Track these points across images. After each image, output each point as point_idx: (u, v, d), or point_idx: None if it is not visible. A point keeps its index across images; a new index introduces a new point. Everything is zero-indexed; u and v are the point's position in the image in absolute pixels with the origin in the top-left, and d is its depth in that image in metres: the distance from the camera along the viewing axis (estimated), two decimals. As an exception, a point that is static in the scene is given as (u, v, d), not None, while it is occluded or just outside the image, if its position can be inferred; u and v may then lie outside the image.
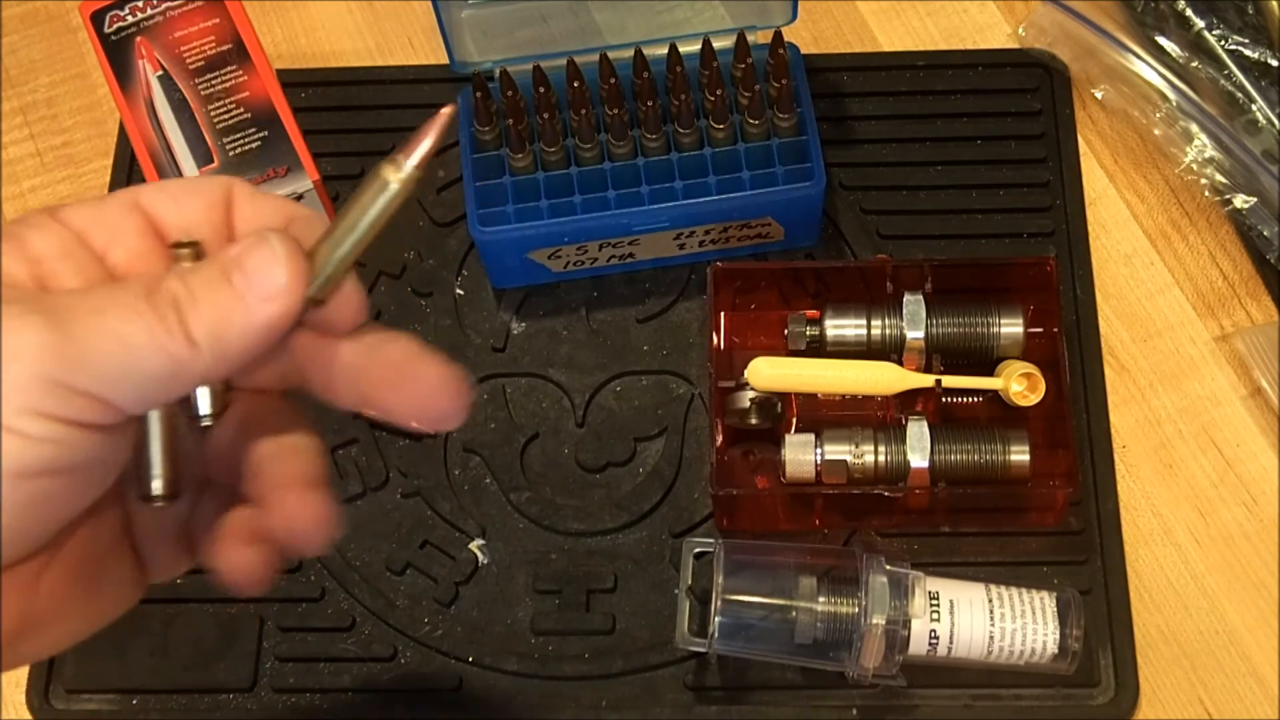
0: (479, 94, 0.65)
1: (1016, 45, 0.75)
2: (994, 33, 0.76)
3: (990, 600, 0.58)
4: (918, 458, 0.60)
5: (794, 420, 0.64)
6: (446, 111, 0.35)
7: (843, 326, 0.63)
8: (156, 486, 0.37)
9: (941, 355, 0.62)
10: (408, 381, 0.37)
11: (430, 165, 0.75)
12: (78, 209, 0.36)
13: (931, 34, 0.76)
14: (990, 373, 0.62)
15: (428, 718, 0.62)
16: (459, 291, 0.71)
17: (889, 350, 0.63)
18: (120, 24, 0.67)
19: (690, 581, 0.59)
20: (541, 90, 0.65)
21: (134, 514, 0.38)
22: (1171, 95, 0.71)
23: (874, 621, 0.56)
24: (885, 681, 0.58)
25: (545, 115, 0.65)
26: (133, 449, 0.35)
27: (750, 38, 0.65)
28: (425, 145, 0.35)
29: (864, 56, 0.75)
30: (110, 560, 0.38)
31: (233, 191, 0.37)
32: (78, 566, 0.36)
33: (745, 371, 0.61)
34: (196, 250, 0.35)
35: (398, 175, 0.35)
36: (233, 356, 0.34)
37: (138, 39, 0.67)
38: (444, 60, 0.67)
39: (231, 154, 0.65)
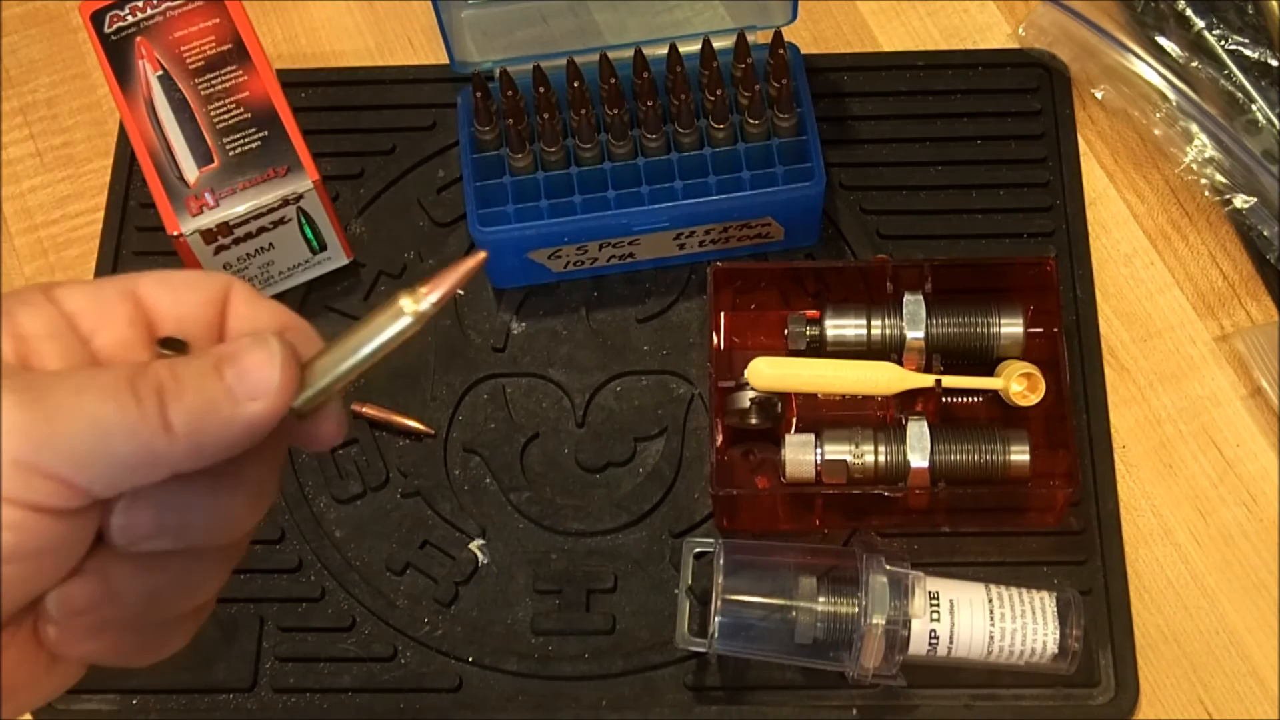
0: (479, 94, 0.65)
1: (1016, 45, 0.75)
2: (994, 33, 0.76)
3: (990, 600, 0.58)
4: (918, 458, 0.60)
5: (794, 420, 0.64)
6: (479, 257, 0.36)
7: (843, 326, 0.63)
8: None
9: (941, 355, 0.62)
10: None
11: (430, 165, 0.75)
12: (73, 290, 0.36)
13: (931, 34, 0.76)
14: (990, 373, 0.62)
15: (428, 718, 0.62)
16: (459, 291, 0.70)
17: (889, 350, 0.63)
18: (120, 24, 0.67)
19: (690, 581, 0.59)
20: (541, 90, 0.65)
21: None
22: (1171, 95, 0.71)
23: (874, 621, 0.56)
24: (885, 681, 0.58)
25: (545, 115, 0.65)
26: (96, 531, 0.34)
27: (750, 38, 0.65)
28: (449, 285, 0.35)
29: (864, 56, 0.75)
30: None
31: (231, 291, 0.37)
32: (37, 643, 0.36)
33: (745, 371, 0.61)
34: (183, 351, 0.35)
35: (415, 308, 0.35)
36: (208, 450, 0.33)
37: (138, 39, 0.67)
38: (444, 60, 0.67)
39: (231, 154, 0.65)
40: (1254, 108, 0.71)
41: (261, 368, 0.34)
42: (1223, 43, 0.72)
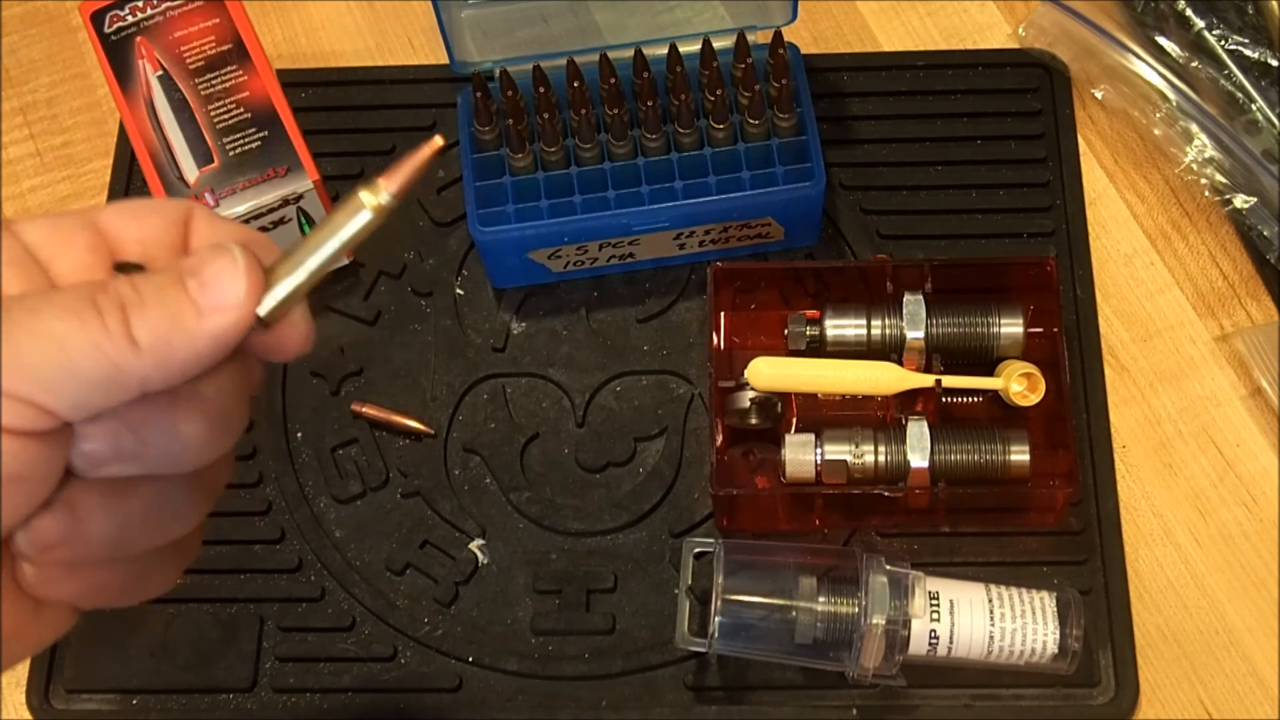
0: (479, 94, 0.65)
1: (1016, 45, 0.75)
2: (994, 33, 0.76)
3: (990, 600, 0.58)
4: (918, 458, 0.60)
5: (794, 420, 0.64)
6: (435, 142, 0.35)
7: (843, 326, 0.63)
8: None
9: (941, 355, 0.62)
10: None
11: (431, 165, 0.75)
12: (33, 223, 0.35)
13: (931, 34, 0.76)
14: (990, 373, 0.62)
15: (428, 718, 0.62)
16: (459, 291, 0.71)
17: (889, 350, 0.63)
18: (120, 24, 0.67)
19: (690, 581, 0.59)
20: (541, 90, 0.65)
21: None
22: (1171, 95, 0.71)
23: (874, 621, 0.56)
24: (885, 681, 0.58)
25: (545, 115, 0.65)
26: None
27: (750, 38, 0.65)
28: (406, 176, 0.34)
29: (864, 56, 0.75)
30: None
31: (192, 214, 0.37)
32: (19, 589, 0.35)
33: (745, 371, 0.61)
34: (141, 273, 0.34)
35: (374, 202, 0.34)
36: (176, 365, 0.33)
37: (138, 39, 0.67)
38: (444, 60, 0.67)
39: (231, 154, 0.65)
40: (1254, 108, 0.71)
41: (224, 275, 0.33)
42: (1223, 43, 0.72)
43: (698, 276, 0.70)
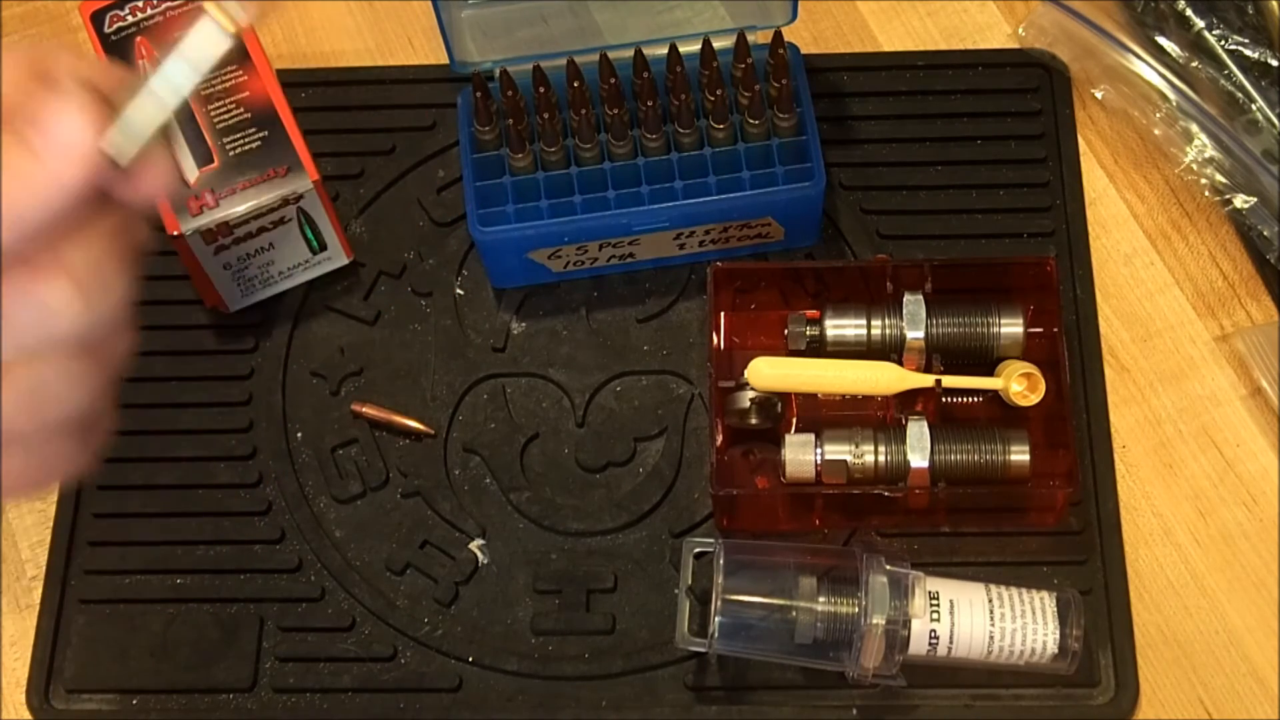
0: (479, 94, 0.65)
1: (1016, 45, 0.75)
2: (994, 33, 0.76)
3: (990, 600, 0.58)
4: (918, 458, 0.60)
5: (794, 420, 0.64)
6: None
7: (843, 326, 0.63)
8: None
9: (941, 355, 0.62)
10: None
11: (430, 165, 0.75)
12: None
13: (931, 34, 0.76)
14: (990, 373, 0.62)
15: (428, 718, 0.62)
16: (459, 291, 0.71)
17: (889, 350, 0.63)
18: (120, 24, 0.67)
19: (690, 581, 0.59)
20: (541, 90, 0.65)
21: None
22: (1171, 95, 0.71)
23: (874, 621, 0.56)
24: (885, 681, 0.58)
25: (545, 115, 0.65)
26: None
27: (750, 38, 0.65)
28: None
29: (864, 56, 0.75)
30: None
31: (50, 59, 0.33)
32: None
33: (745, 371, 0.61)
34: None
35: (229, 24, 0.31)
36: (23, 220, 0.30)
37: (138, 39, 0.67)
38: (444, 60, 0.67)
39: (231, 154, 0.65)
40: (1254, 108, 0.71)
41: (62, 116, 0.31)
42: (1223, 43, 0.72)
43: (698, 276, 0.70)
